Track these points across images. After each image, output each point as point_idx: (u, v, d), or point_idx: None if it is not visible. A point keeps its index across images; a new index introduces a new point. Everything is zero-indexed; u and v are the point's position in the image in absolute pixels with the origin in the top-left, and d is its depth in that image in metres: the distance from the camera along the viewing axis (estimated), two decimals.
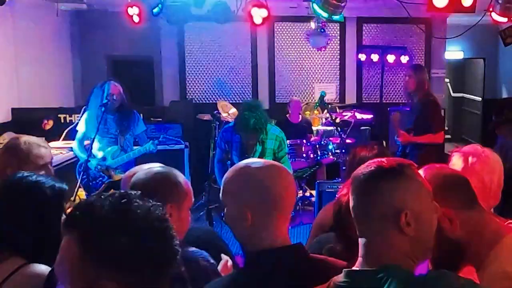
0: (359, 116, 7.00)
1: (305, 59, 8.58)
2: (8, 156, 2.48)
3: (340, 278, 1.32)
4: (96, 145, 4.63)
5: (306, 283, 1.42)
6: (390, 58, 7.74)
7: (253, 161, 1.64)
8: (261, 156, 4.31)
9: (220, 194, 1.60)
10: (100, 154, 4.68)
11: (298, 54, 8.55)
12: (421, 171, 1.70)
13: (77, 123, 4.94)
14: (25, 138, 2.51)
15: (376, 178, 1.33)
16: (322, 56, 8.58)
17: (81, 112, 4.90)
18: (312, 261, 1.56)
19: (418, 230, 1.31)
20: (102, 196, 1.16)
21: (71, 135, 4.89)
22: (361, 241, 1.35)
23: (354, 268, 1.34)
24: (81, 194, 4.63)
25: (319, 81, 8.62)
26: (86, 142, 4.80)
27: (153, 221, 1.15)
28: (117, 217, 1.12)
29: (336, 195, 1.81)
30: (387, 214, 1.30)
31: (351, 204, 1.38)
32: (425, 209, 1.33)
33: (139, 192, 1.20)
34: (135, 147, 4.81)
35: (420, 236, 1.32)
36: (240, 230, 1.56)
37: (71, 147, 5.05)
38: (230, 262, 2.08)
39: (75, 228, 1.13)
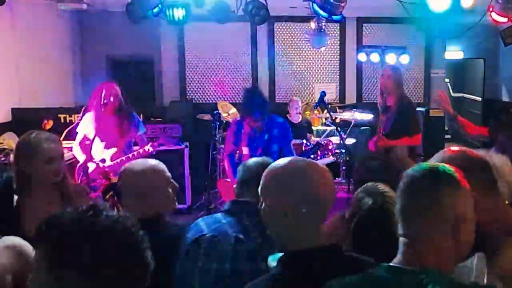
0: (359, 116, 7.00)
1: (305, 59, 8.58)
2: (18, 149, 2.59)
3: (378, 271, 1.33)
4: (95, 147, 4.62)
5: None
6: (390, 58, 7.72)
7: (296, 159, 1.66)
8: (268, 143, 4.43)
9: (260, 189, 1.60)
10: (99, 156, 4.67)
11: (298, 54, 8.55)
12: (444, 152, 1.71)
13: (77, 123, 4.94)
14: (35, 133, 2.58)
15: (439, 183, 1.33)
16: (322, 56, 8.58)
17: (81, 113, 4.89)
18: (349, 258, 1.59)
19: (465, 235, 1.34)
20: (71, 209, 1.18)
21: (71, 135, 4.88)
22: (404, 239, 1.35)
23: (393, 264, 1.34)
24: None
25: (319, 81, 8.62)
26: (86, 144, 4.79)
27: (119, 233, 1.15)
28: (82, 229, 1.13)
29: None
30: (445, 219, 1.31)
31: (399, 203, 1.37)
32: (472, 215, 1.36)
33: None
34: (134, 149, 4.80)
35: (466, 241, 1.34)
36: (279, 228, 1.56)
37: (71, 148, 5.04)
38: None
39: (42, 242, 1.14)
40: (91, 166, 4.63)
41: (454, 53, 10.73)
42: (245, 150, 4.59)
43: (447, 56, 9.26)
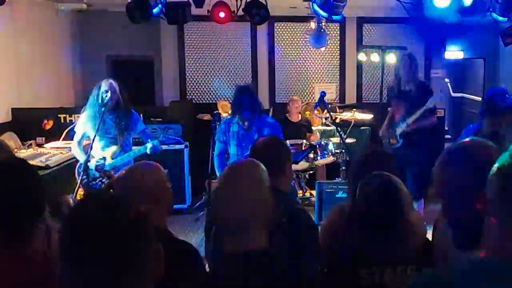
0: (359, 116, 7.00)
1: (305, 59, 8.58)
2: None
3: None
4: (95, 145, 4.62)
5: None
6: (390, 58, 7.72)
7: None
8: None
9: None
10: (99, 155, 4.67)
11: (298, 54, 8.54)
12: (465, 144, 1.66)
13: (77, 123, 4.93)
14: None
15: None
16: (322, 56, 8.57)
17: (81, 113, 4.88)
18: None
19: None
20: None
21: (71, 135, 4.88)
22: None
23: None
24: (82, 194, 4.63)
25: (319, 81, 8.62)
26: (85, 143, 4.78)
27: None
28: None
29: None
30: None
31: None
32: None
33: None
34: (134, 147, 4.80)
35: None
36: None
37: (70, 148, 5.04)
38: None
39: None
40: (92, 165, 4.63)
41: (454, 53, 10.72)
42: (234, 150, 4.56)
43: (447, 56, 9.24)
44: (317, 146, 6.44)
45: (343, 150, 6.29)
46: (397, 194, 2.15)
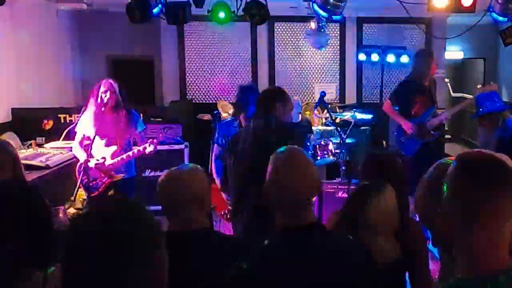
0: (359, 116, 6.99)
1: (305, 59, 8.58)
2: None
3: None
4: (95, 145, 4.61)
5: None
6: (390, 58, 7.72)
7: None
8: None
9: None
10: (99, 155, 4.67)
11: (298, 54, 8.54)
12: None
13: (77, 123, 4.93)
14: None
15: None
16: (322, 56, 8.58)
17: (81, 113, 4.88)
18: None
19: None
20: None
21: (71, 135, 4.88)
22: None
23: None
24: (82, 194, 4.63)
25: (319, 81, 8.62)
26: (85, 143, 4.77)
27: None
28: None
29: None
30: None
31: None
32: None
33: None
34: (134, 147, 4.80)
35: None
36: None
37: (71, 148, 5.03)
38: None
39: None
40: (92, 165, 4.62)
41: (454, 53, 10.73)
42: None
43: (447, 56, 9.25)
44: (317, 146, 6.43)
45: (343, 150, 6.29)
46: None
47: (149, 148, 4.56)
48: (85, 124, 4.67)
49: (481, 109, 4.50)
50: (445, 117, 5.66)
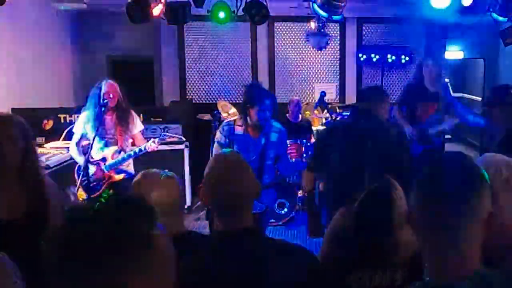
0: None
1: (305, 59, 8.58)
2: None
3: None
4: (95, 145, 4.60)
5: None
6: (390, 58, 7.73)
7: None
8: (264, 148, 4.10)
9: None
10: (99, 155, 4.66)
11: (298, 54, 8.55)
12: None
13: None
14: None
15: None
16: (322, 56, 8.58)
17: (81, 113, 4.87)
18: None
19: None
20: None
21: (71, 135, 4.87)
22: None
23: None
24: (82, 194, 4.63)
25: (319, 81, 8.62)
26: (84, 143, 4.76)
27: None
28: None
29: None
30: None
31: None
32: None
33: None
34: (134, 147, 4.79)
35: None
36: None
37: (68, 149, 5.01)
38: None
39: None
40: (92, 166, 4.62)
41: (454, 53, 10.72)
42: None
43: (447, 56, 9.25)
44: None
45: None
46: (389, 206, 2.19)
47: (152, 145, 4.55)
48: (85, 124, 4.65)
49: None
50: (449, 126, 5.47)
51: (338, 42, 8.53)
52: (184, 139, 6.48)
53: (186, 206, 6.50)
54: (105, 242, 0.98)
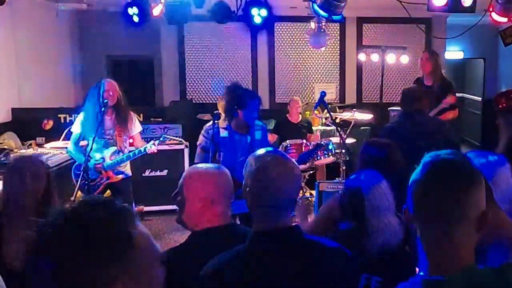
0: (359, 116, 6.99)
1: (305, 59, 8.58)
2: None
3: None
4: (94, 146, 4.59)
5: None
6: (390, 58, 7.71)
7: None
8: (251, 147, 4.06)
9: None
10: (98, 155, 4.65)
11: (298, 54, 8.55)
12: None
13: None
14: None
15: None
16: (322, 56, 8.58)
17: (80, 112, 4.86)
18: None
19: None
20: None
21: (71, 135, 4.86)
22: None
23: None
24: (79, 195, 4.62)
25: (319, 81, 8.62)
26: (83, 143, 4.75)
27: None
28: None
29: None
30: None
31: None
32: None
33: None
34: (133, 148, 4.78)
35: None
36: None
37: (67, 149, 5.00)
38: None
39: None
40: (90, 166, 4.61)
41: (454, 53, 10.73)
42: (226, 156, 4.15)
43: (447, 56, 9.25)
44: (320, 145, 6.43)
45: (343, 150, 6.29)
46: (362, 200, 2.31)
47: (153, 148, 4.54)
48: (84, 124, 4.62)
49: None
50: None
51: (338, 42, 8.53)
52: (184, 141, 6.48)
53: None
54: (85, 242, 0.96)
